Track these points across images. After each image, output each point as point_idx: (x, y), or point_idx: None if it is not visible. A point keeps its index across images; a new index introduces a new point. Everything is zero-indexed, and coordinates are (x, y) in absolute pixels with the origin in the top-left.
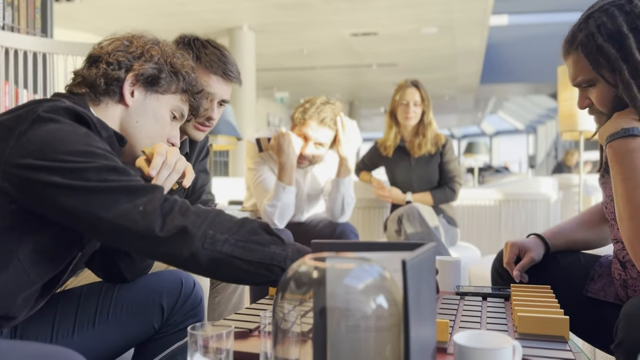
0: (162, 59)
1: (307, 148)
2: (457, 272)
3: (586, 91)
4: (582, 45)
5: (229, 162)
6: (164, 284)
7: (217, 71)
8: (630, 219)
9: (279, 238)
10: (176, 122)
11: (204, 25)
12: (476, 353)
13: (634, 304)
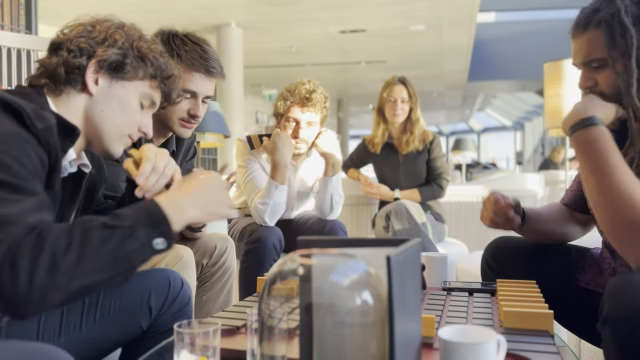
0: (127, 44)
1: (301, 131)
2: (444, 267)
3: (593, 72)
4: (606, 22)
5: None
6: (152, 284)
7: (199, 68)
8: (605, 206)
9: (115, 219)
10: (147, 110)
11: (191, 22)
12: (461, 348)
13: (617, 280)
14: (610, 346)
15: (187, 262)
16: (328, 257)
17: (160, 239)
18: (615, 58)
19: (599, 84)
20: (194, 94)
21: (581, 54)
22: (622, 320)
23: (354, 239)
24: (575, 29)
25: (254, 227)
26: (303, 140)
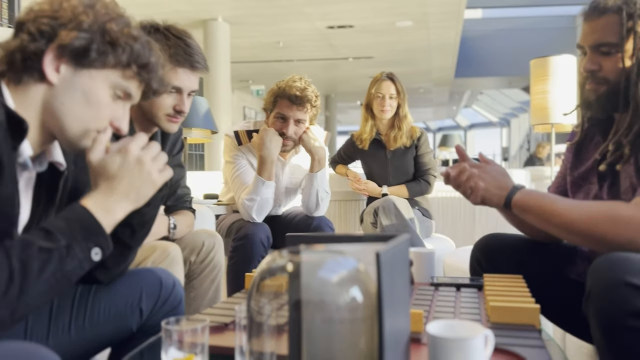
0: (95, 26)
1: (289, 128)
2: (431, 263)
3: (600, 56)
4: (627, 11)
5: (204, 155)
6: (143, 285)
7: (183, 63)
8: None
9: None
10: (123, 103)
11: (177, 17)
12: (448, 343)
13: (599, 259)
14: (594, 321)
15: (174, 259)
16: (317, 254)
17: (97, 248)
18: (628, 48)
19: (603, 69)
20: (179, 90)
21: (594, 36)
22: (603, 293)
23: (342, 235)
24: (592, 12)
25: (242, 223)
26: (291, 138)
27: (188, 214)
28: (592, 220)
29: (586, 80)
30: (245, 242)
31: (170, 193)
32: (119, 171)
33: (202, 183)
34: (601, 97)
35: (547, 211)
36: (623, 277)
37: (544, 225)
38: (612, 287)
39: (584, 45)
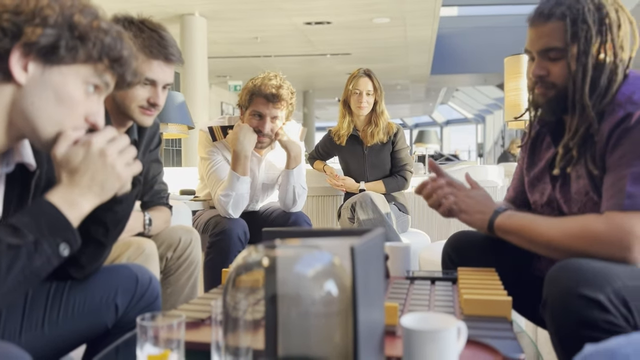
0: (62, 21)
1: (265, 125)
2: (407, 257)
3: (548, 62)
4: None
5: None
6: (118, 281)
7: (158, 56)
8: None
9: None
10: (97, 96)
11: (154, 11)
12: (422, 335)
13: (554, 267)
14: (550, 327)
15: (149, 255)
16: (293, 248)
17: (65, 244)
18: (573, 53)
19: (551, 74)
20: (154, 82)
21: (540, 42)
22: (557, 303)
23: (318, 230)
24: (537, 17)
25: (218, 219)
26: (266, 135)
27: (164, 210)
28: (570, 238)
29: (535, 84)
30: (222, 238)
31: (147, 189)
32: (81, 164)
33: (179, 179)
34: (551, 101)
35: (527, 232)
36: (577, 289)
37: (527, 245)
38: (566, 298)
39: (531, 50)
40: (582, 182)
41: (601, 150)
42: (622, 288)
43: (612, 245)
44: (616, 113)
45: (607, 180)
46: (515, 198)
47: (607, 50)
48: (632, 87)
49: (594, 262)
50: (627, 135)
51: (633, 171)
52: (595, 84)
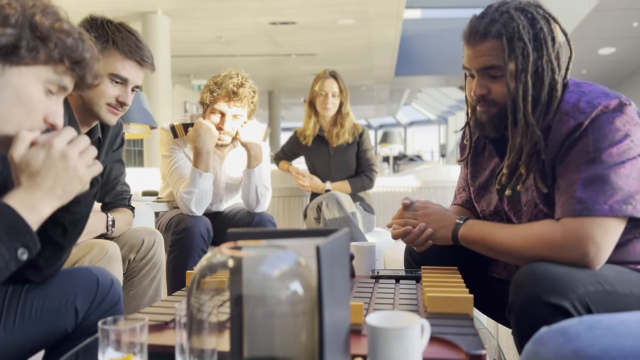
0: (23, 21)
1: (226, 123)
2: (372, 256)
3: (488, 80)
4: (506, 35)
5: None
6: (77, 284)
7: (134, 56)
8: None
9: None
10: (56, 97)
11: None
12: (387, 333)
13: (521, 272)
14: (515, 331)
15: (112, 257)
16: (258, 249)
17: (23, 248)
18: (512, 71)
19: (492, 92)
20: (125, 81)
21: (479, 60)
22: (522, 308)
23: (284, 231)
24: (473, 37)
25: (181, 217)
26: (227, 133)
27: (127, 212)
28: (530, 246)
29: (477, 102)
30: (185, 236)
31: (109, 190)
32: (43, 167)
33: (141, 180)
34: (493, 118)
35: (489, 241)
36: (542, 296)
37: (489, 253)
38: (531, 304)
39: (470, 68)
40: (531, 195)
41: (551, 161)
42: (585, 294)
43: (569, 251)
44: (566, 123)
45: (559, 187)
46: (465, 201)
47: (544, 64)
48: (575, 95)
49: (558, 268)
50: (577, 143)
51: (582, 176)
52: (537, 100)
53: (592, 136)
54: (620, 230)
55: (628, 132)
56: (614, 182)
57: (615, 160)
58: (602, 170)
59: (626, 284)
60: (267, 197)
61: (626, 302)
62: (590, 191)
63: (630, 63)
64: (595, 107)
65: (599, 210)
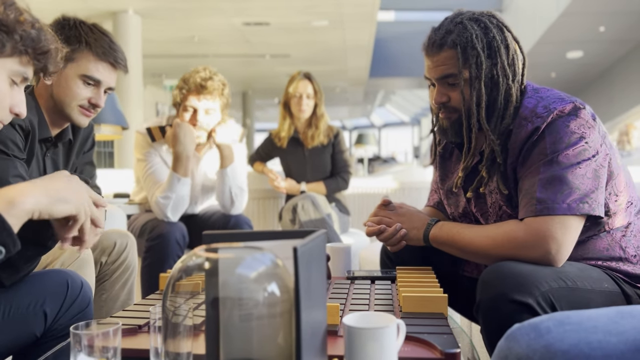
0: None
1: (199, 117)
2: (347, 257)
3: (447, 88)
4: (461, 45)
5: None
6: (47, 287)
7: (107, 58)
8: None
9: None
10: (19, 87)
11: (85, 7)
12: (363, 333)
13: (487, 271)
14: (483, 329)
15: (84, 260)
16: (235, 251)
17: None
18: (466, 80)
19: (452, 100)
20: (98, 83)
21: (438, 70)
22: (489, 306)
23: (260, 232)
24: (430, 48)
25: (156, 222)
26: (202, 128)
27: None
28: (496, 245)
29: (439, 110)
30: (160, 242)
31: None
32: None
33: (112, 182)
34: (454, 124)
35: (458, 242)
36: (508, 294)
37: (459, 253)
38: (497, 302)
39: (430, 78)
40: (495, 197)
41: (513, 164)
42: (548, 291)
43: (532, 249)
44: (525, 127)
45: (521, 189)
46: (437, 203)
47: (499, 71)
48: (533, 100)
49: (523, 266)
50: (536, 146)
51: (541, 177)
52: (493, 106)
53: (549, 139)
54: (580, 227)
55: (583, 135)
56: (571, 182)
57: (572, 162)
58: (560, 171)
59: (587, 280)
60: (243, 199)
61: (588, 297)
62: (549, 191)
63: (598, 66)
64: (552, 112)
65: (558, 209)
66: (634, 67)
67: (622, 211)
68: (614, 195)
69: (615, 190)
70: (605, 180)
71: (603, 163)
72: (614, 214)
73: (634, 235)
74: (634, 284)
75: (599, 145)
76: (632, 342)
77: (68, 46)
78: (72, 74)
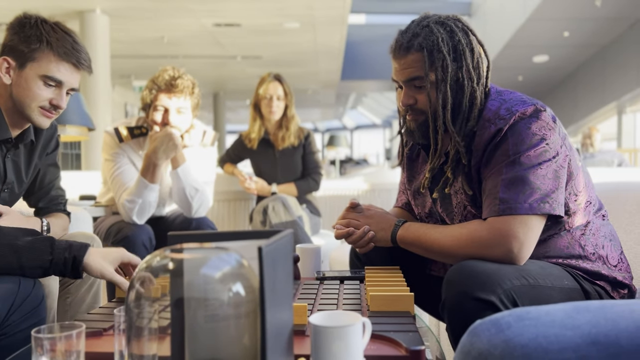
0: None
1: (171, 117)
2: (317, 258)
3: (414, 91)
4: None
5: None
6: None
7: (70, 58)
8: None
9: None
10: None
11: (51, 6)
12: (328, 331)
13: (451, 270)
14: (448, 327)
15: None
16: (200, 251)
17: None
18: (432, 82)
19: (418, 102)
20: (60, 84)
21: (405, 73)
22: (454, 304)
23: (226, 233)
24: (397, 51)
25: (122, 224)
26: (176, 127)
27: (62, 217)
28: (460, 245)
29: (406, 112)
30: (126, 245)
31: (43, 195)
32: None
33: (79, 184)
34: (421, 126)
35: (424, 242)
36: (471, 292)
37: (425, 253)
38: (461, 300)
39: (397, 80)
40: (460, 197)
41: (477, 165)
42: (511, 288)
43: (495, 248)
44: (487, 129)
45: (484, 189)
46: (405, 203)
47: (464, 74)
48: (497, 103)
49: (486, 265)
50: (499, 147)
51: (504, 178)
52: (459, 108)
53: (511, 140)
54: (541, 227)
55: (544, 136)
56: (533, 182)
57: (533, 162)
58: (522, 172)
59: (548, 277)
60: (201, 200)
61: (549, 293)
62: (512, 191)
63: (563, 70)
64: (514, 114)
65: (520, 208)
66: (596, 72)
67: (582, 210)
68: (573, 195)
69: (574, 190)
70: (565, 181)
71: (563, 164)
72: (574, 214)
73: (593, 233)
74: (593, 281)
75: (559, 146)
76: (587, 335)
77: (28, 45)
78: (32, 74)
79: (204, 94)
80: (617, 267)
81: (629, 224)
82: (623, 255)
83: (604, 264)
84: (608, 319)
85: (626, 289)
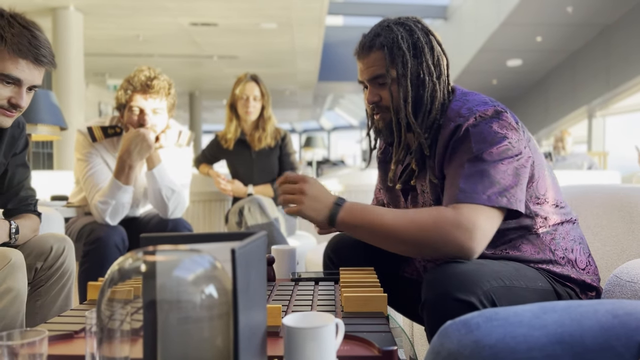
0: None
1: (147, 118)
2: (292, 259)
3: (378, 88)
4: (387, 46)
5: (53, 154)
6: None
7: (27, 55)
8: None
9: None
10: None
11: (22, 3)
12: (301, 332)
13: (431, 272)
14: (427, 327)
15: (15, 265)
16: (173, 253)
17: None
18: (394, 78)
19: (383, 99)
20: (18, 82)
21: (368, 71)
22: (434, 305)
23: (200, 235)
24: (360, 51)
25: (94, 226)
26: (151, 128)
27: (33, 218)
28: (421, 228)
29: (373, 111)
30: (98, 246)
31: (12, 195)
32: None
33: (50, 184)
34: (389, 124)
35: (375, 224)
36: (453, 293)
37: (373, 238)
38: (442, 301)
39: (362, 80)
40: (427, 196)
41: (440, 162)
42: (490, 289)
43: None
44: (449, 127)
45: (446, 183)
46: (380, 203)
47: (424, 69)
48: (460, 103)
49: (466, 266)
50: (459, 144)
51: (464, 172)
52: (420, 103)
53: (474, 138)
54: (498, 220)
55: (506, 135)
56: (493, 177)
57: (495, 159)
58: (483, 167)
59: (522, 279)
60: (177, 201)
61: (523, 295)
62: (472, 183)
63: (536, 74)
64: (474, 114)
65: (477, 199)
66: (567, 76)
67: (550, 214)
68: (535, 198)
69: (536, 192)
70: (527, 181)
71: (525, 164)
72: (545, 218)
73: (562, 237)
74: (564, 283)
75: (523, 147)
76: (553, 335)
77: None
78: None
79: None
80: (585, 270)
81: (595, 226)
82: (591, 258)
83: (572, 267)
84: (573, 319)
85: (594, 291)
